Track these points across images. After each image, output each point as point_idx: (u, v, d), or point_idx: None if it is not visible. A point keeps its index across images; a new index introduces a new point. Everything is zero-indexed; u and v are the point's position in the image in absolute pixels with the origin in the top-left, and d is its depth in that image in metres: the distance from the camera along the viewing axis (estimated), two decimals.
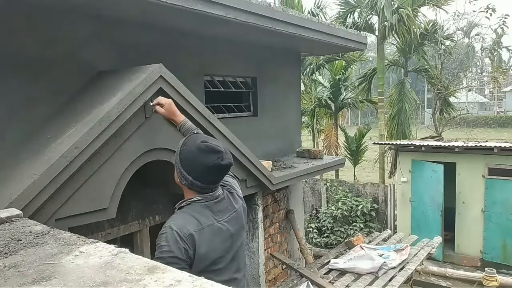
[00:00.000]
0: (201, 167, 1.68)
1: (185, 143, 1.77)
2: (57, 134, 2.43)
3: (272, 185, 4.03)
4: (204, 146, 1.70)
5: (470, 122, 24.81)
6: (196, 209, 1.70)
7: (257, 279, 4.35)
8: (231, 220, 1.78)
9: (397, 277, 4.56)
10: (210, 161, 1.67)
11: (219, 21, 3.28)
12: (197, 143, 1.72)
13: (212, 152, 1.69)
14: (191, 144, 1.74)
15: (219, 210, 1.75)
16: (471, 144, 8.20)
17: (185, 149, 1.74)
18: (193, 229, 1.62)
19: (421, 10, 12.17)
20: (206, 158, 1.67)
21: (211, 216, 1.71)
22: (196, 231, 1.62)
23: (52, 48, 2.83)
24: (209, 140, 1.74)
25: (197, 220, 1.66)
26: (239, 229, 1.84)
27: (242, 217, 1.88)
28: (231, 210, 1.80)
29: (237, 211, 1.83)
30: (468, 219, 8.47)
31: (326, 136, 13.93)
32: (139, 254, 1.55)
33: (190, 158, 1.71)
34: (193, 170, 1.69)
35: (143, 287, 0.94)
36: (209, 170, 1.68)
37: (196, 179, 1.69)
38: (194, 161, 1.69)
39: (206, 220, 1.68)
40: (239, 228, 1.83)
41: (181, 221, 1.64)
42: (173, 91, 2.71)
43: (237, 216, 1.83)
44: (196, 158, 1.69)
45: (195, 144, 1.73)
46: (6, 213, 1.55)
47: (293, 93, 5.65)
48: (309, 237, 9.75)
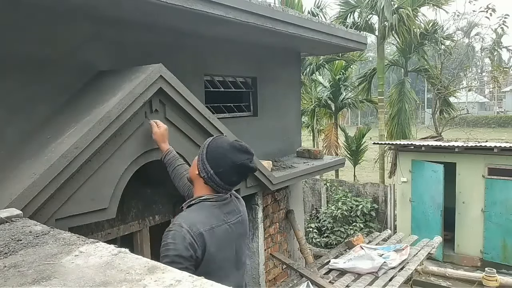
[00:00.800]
0: (228, 163, 1.68)
1: (215, 139, 1.79)
2: (57, 134, 2.43)
3: (272, 185, 4.03)
4: (238, 145, 1.72)
5: (470, 122, 24.83)
6: (207, 208, 1.69)
7: (257, 279, 4.35)
8: (238, 223, 1.78)
9: (397, 277, 4.56)
10: (239, 159, 1.68)
11: (219, 21, 3.28)
12: (230, 141, 1.75)
13: (244, 152, 1.71)
14: (222, 140, 1.76)
15: (228, 211, 1.75)
16: (471, 144, 8.20)
17: (215, 144, 1.75)
18: (204, 228, 1.60)
19: (421, 10, 12.19)
20: (236, 156, 1.68)
21: (221, 216, 1.70)
22: (207, 231, 1.60)
23: (52, 48, 2.83)
24: (241, 141, 1.78)
25: (208, 219, 1.64)
26: (243, 233, 1.85)
27: (246, 222, 1.88)
28: (238, 214, 1.80)
29: (242, 216, 1.83)
30: (468, 219, 8.48)
31: (326, 136, 13.93)
32: (139, 254, 1.55)
33: (218, 152, 1.71)
34: (218, 164, 1.69)
35: (143, 287, 0.94)
36: (235, 169, 1.69)
37: (217, 174, 1.69)
38: (222, 156, 1.70)
39: (216, 221, 1.67)
40: (243, 232, 1.84)
41: (192, 219, 1.62)
42: (173, 91, 2.71)
43: (242, 220, 1.83)
44: (226, 154, 1.70)
45: (227, 141, 1.75)
46: (6, 213, 1.55)
47: (293, 93, 5.65)
48: (309, 237, 9.76)
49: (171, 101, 2.73)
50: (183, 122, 2.85)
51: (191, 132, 2.90)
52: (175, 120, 2.79)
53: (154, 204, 3.40)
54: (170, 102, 2.74)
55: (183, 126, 2.84)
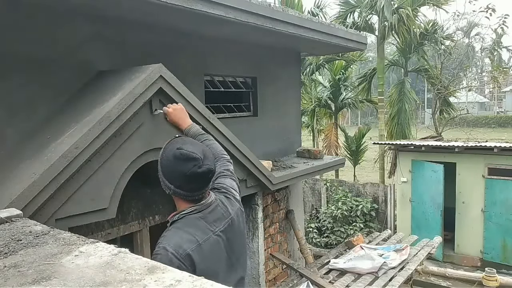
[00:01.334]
0: (180, 175, 1.59)
1: (164, 150, 1.69)
2: (57, 134, 2.43)
3: (272, 185, 4.03)
4: (179, 154, 1.60)
5: (470, 122, 24.82)
6: (191, 222, 1.61)
7: (257, 279, 4.35)
8: (227, 229, 1.70)
9: (397, 277, 4.56)
10: (186, 170, 1.57)
11: (219, 21, 3.28)
12: (173, 151, 1.63)
13: (187, 160, 1.59)
14: (168, 151, 1.66)
15: (214, 219, 1.66)
16: (471, 144, 8.20)
17: (164, 157, 1.66)
18: (190, 248, 1.53)
19: (421, 10, 12.19)
20: (182, 166, 1.58)
21: (207, 228, 1.62)
22: (194, 250, 1.53)
23: (52, 48, 2.83)
24: (185, 146, 1.63)
25: (193, 237, 1.56)
26: (237, 236, 1.75)
27: (239, 223, 1.79)
28: (227, 217, 1.71)
29: (232, 218, 1.74)
30: (468, 219, 8.48)
31: (326, 136, 13.93)
32: (139, 254, 1.55)
33: (168, 166, 1.63)
34: (173, 178, 1.61)
35: (143, 287, 0.94)
36: (188, 179, 1.59)
37: (178, 188, 1.61)
38: (172, 170, 1.61)
39: (202, 235, 1.59)
40: (236, 235, 1.75)
41: (176, 240, 1.54)
42: (173, 91, 2.71)
43: (233, 223, 1.74)
44: (174, 167, 1.60)
45: (171, 151, 1.63)
46: (6, 213, 1.55)
47: (293, 93, 5.65)
48: (309, 237, 9.76)
49: (171, 101, 2.73)
50: None
51: None
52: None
53: (154, 204, 3.40)
54: (170, 102, 2.73)
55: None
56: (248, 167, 3.61)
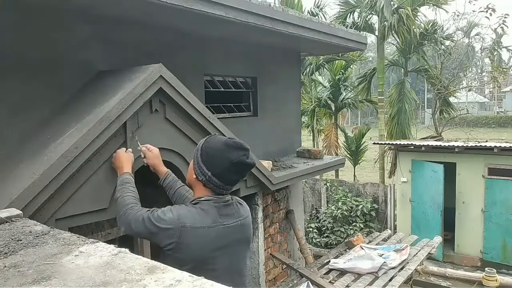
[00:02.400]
0: (225, 162, 1.64)
1: (208, 140, 1.74)
2: (57, 134, 2.43)
3: (272, 185, 4.03)
4: (232, 142, 1.67)
5: (470, 122, 24.81)
6: (204, 207, 1.66)
7: (257, 279, 4.35)
8: (236, 228, 1.72)
9: (397, 277, 4.56)
10: (235, 157, 1.63)
11: (219, 21, 3.28)
12: (223, 139, 1.71)
13: (239, 148, 1.66)
14: (216, 140, 1.72)
15: (226, 214, 1.70)
16: (471, 144, 8.20)
17: (209, 145, 1.71)
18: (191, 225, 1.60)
19: (421, 10, 12.18)
20: (232, 154, 1.64)
21: (217, 218, 1.66)
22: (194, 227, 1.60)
23: (52, 48, 2.83)
24: (236, 138, 1.74)
25: (201, 218, 1.62)
26: (242, 238, 1.77)
27: (248, 228, 1.81)
28: (238, 218, 1.74)
29: (243, 220, 1.77)
30: (468, 219, 8.48)
31: (326, 136, 13.93)
32: (139, 254, 1.55)
33: (213, 153, 1.67)
34: (215, 165, 1.65)
35: (143, 287, 0.94)
36: (232, 167, 1.64)
37: (215, 176, 1.65)
38: (217, 156, 1.65)
39: (209, 220, 1.63)
40: (242, 237, 1.76)
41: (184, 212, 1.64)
42: (173, 91, 2.71)
43: (242, 225, 1.76)
44: (221, 153, 1.65)
45: (221, 140, 1.70)
46: (6, 213, 1.55)
47: (293, 93, 5.65)
48: (309, 237, 9.75)
49: (171, 101, 2.73)
50: (183, 122, 2.85)
51: (191, 132, 2.90)
52: (175, 120, 2.79)
53: (155, 204, 3.38)
54: (170, 102, 2.74)
55: (183, 126, 2.84)
56: None
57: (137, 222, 1.72)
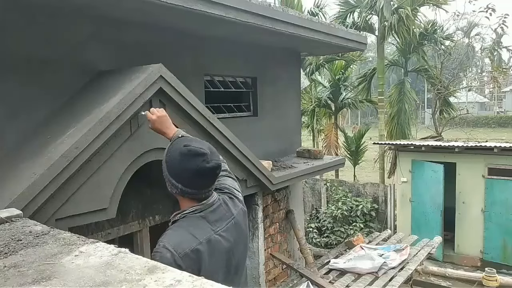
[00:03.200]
0: (187, 173, 1.57)
1: (169, 150, 1.68)
2: (57, 134, 2.43)
3: (272, 185, 4.03)
4: (187, 151, 1.59)
5: (470, 122, 24.80)
6: (192, 222, 1.59)
7: (257, 279, 4.35)
8: (230, 229, 1.67)
9: (397, 277, 4.56)
10: (195, 166, 1.56)
11: (219, 21, 3.28)
12: (179, 148, 1.62)
13: (195, 155, 1.58)
14: (174, 150, 1.65)
15: (216, 219, 1.64)
16: (471, 144, 8.20)
17: (170, 156, 1.64)
18: (190, 247, 1.51)
19: (420, 10, 12.18)
20: (190, 163, 1.56)
21: (208, 227, 1.60)
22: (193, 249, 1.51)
23: (52, 48, 2.83)
24: (192, 143, 1.63)
25: (194, 236, 1.54)
26: (239, 237, 1.73)
27: (241, 224, 1.76)
28: (229, 218, 1.69)
29: (235, 218, 1.72)
30: (468, 219, 8.47)
31: (326, 136, 13.93)
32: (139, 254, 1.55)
33: (175, 165, 1.61)
34: (181, 177, 1.59)
35: (143, 287, 0.94)
36: (196, 175, 1.57)
37: (186, 186, 1.59)
38: (179, 168, 1.59)
39: (203, 234, 1.57)
40: (238, 235, 1.72)
41: (177, 239, 1.53)
42: (173, 91, 2.71)
43: (236, 223, 1.71)
44: (181, 165, 1.59)
45: (178, 149, 1.62)
46: (6, 213, 1.55)
47: (293, 93, 5.65)
48: (309, 237, 9.75)
49: (171, 101, 2.73)
50: (183, 122, 2.85)
51: (191, 132, 2.90)
52: (175, 120, 2.78)
53: (154, 204, 3.40)
54: (170, 102, 2.74)
55: (183, 126, 2.84)
56: (248, 167, 3.61)
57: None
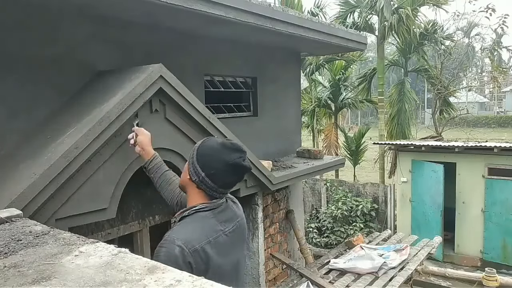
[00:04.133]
0: (220, 163, 1.58)
1: (205, 141, 1.70)
2: (57, 134, 2.43)
3: (272, 185, 4.03)
4: (229, 144, 1.63)
5: (470, 122, 24.80)
6: (201, 219, 1.57)
7: (257, 279, 4.35)
8: (236, 230, 1.67)
9: (397, 277, 4.56)
10: (231, 159, 1.58)
11: (219, 21, 3.28)
12: (221, 140, 1.66)
13: (236, 150, 1.61)
14: (213, 141, 1.68)
15: (225, 219, 1.63)
16: (471, 144, 8.20)
17: (205, 145, 1.66)
18: (200, 244, 1.48)
19: (421, 10, 12.18)
20: (228, 155, 1.59)
21: (218, 227, 1.59)
22: (203, 246, 1.49)
23: (52, 48, 2.83)
24: (234, 140, 1.71)
25: (204, 233, 1.53)
26: (242, 239, 1.73)
27: (244, 227, 1.77)
28: (235, 220, 1.69)
29: (239, 221, 1.72)
30: (468, 219, 8.48)
31: (326, 136, 13.93)
32: (139, 254, 1.55)
33: (209, 153, 1.62)
34: (209, 166, 1.59)
35: (143, 287, 0.94)
36: (227, 168, 1.58)
37: (209, 176, 1.59)
38: (213, 156, 1.60)
39: (212, 233, 1.56)
40: (241, 238, 1.72)
41: (186, 234, 1.50)
42: (173, 91, 2.71)
43: (240, 226, 1.71)
44: (217, 154, 1.60)
45: (217, 141, 1.66)
46: (6, 213, 1.55)
47: (293, 93, 5.65)
48: (309, 237, 9.75)
49: (171, 101, 2.73)
50: (183, 122, 2.85)
51: (191, 132, 2.90)
52: (175, 120, 2.79)
53: (154, 204, 3.40)
54: (170, 102, 2.74)
55: (183, 126, 2.85)
56: None
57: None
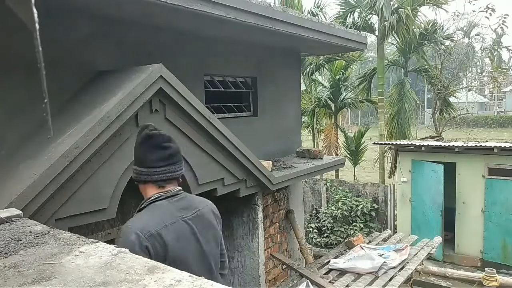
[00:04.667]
0: (140, 147, 1.68)
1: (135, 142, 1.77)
2: (57, 134, 2.43)
3: (272, 185, 4.03)
4: (139, 129, 1.72)
5: (470, 122, 24.82)
6: (157, 207, 1.64)
7: (257, 279, 4.35)
8: (195, 219, 1.70)
9: (397, 277, 4.56)
10: (141, 138, 1.67)
11: (219, 21, 3.28)
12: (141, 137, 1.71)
13: (142, 129, 1.70)
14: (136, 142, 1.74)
15: (182, 207, 1.69)
16: (471, 144, 8.20)
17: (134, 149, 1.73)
18: (155, 228, 1.54)
19: (420, 10, 12.18)
20: (140, 137, 1.69)
21: (175, 213, 1.64)
22: (160, 230, 1.55)
23: (52, 48, 2.83)
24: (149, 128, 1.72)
25: (160, 219, 1.59)
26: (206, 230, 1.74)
27: (209, 219, 1.78)
28: (195, 209, 1.73)
29: (200, 211, 1.75)
30: (468, 219, 8.47)
31: (326, 136, 13.93)
32: None
33: (139, 151, 1.70)
34: (138, 157, 1.70)
35: (143, 287, 0.94)
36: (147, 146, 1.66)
37: (139, 165, 1.68)
38: (142, 152, 1.69)
39: (169, 218, 1.61)
40: (204, 228, 1.74)
41: (142, 221, 1.58)
42: (173, 91, 2.71)
43: (200, 216, 1.73)
44: (136, 144, 1.70)
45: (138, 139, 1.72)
46: (6, 213, 1.55)
47: (293, 93, 5.65)
48: (309, 237, 9.75)
49: (171, 101, 2.73)
50: (183, 122, 2.85)
51: (191, 132, 2.90)
52: (175, 120, 2.79)
53: None
54: (170, 102, 2.74)
55: (183, 126, 2.85)
56: (248, 167, 3.61)
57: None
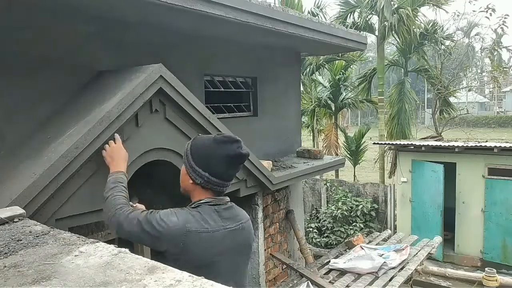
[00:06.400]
0: (221, 159, 1.57)
1: (195, 142, 1.68)
2: (57, 134, 2.43)
3: (272, 185, 4.03)
4: (222, 137, 1.61)
5: (470, 122, 24.81)
6: (205, 212, 1.59)
7: (257, 279, 4.35)
8: (238, 230, 1.66)
9: (397, 277, 4.56)
10: (231, 151, 1.57)
11: (219, 21, 3.28)
12: (211, 137, 1.63)
13: (231, 141, 1.59)
14: (203, 140, 1.65)
15: (228, 217, 1.64)
16: (471, 144, 8.20)
17: (198, 146, 1.64)
18: (196, 229, 1.53)
19: (421, 10, 12.19)
20: (226, 149, 1.57)
21: (220, 222, 1.60)
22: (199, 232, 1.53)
23: (52, 48, 2.83)
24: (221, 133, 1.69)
25: (204, 223, 1.55)
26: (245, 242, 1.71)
27: (250, 233, 1.74)
28: (239, 221, 1.69)
29: (244, 224, 1.70)
30: (468, 219, 8.48)
31: (326, 136, 13.94)
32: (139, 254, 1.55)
33: (205, 152, 1.60)
34: (211, 165, 1.59)
35: (143, 287, 0.94)
36: (229, 161, 1.58)
37: (213, 175, 1.59)
38: (211, 155, 1.59)
39: (214, 224, 1.58)
40: (244, 241, 1.70)
41: (188, 217, 1.56)
42: (173, 91, 2.71)
43: (243, 228, 1.69)
44: (214, 151, 1.58)
45: (209, 138, 1.64)
46: (9, 212, 1.55)
47: (293, 93, 5.65)
48: (309, 237, 9.76)
49: (171, 101, 2.73)
50: (183, 122, 2.85)
51: (191, 132, 2.90)
52: (175, 120, 2.79)
53: (154, 204, 3.39)
54: (170, 102, 2.74)
55: (183, 126, 2.84)
56: (248, 167, 3.61)
57: (131, 223, 1.62)
